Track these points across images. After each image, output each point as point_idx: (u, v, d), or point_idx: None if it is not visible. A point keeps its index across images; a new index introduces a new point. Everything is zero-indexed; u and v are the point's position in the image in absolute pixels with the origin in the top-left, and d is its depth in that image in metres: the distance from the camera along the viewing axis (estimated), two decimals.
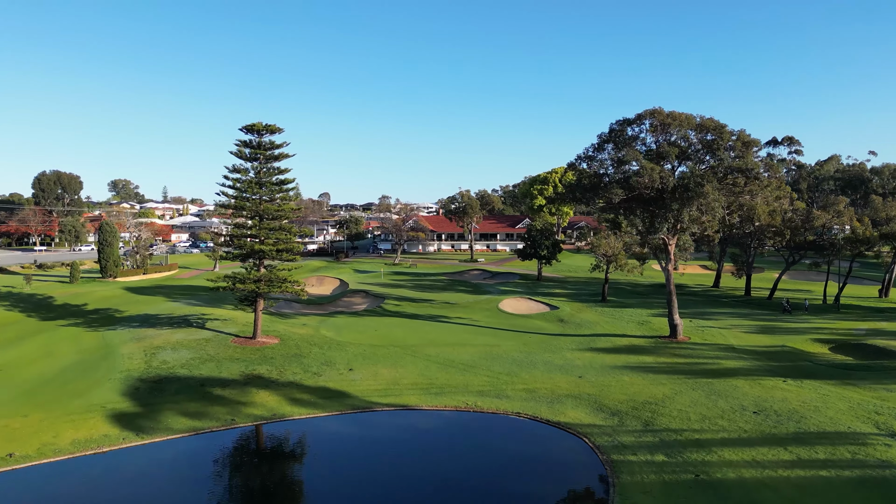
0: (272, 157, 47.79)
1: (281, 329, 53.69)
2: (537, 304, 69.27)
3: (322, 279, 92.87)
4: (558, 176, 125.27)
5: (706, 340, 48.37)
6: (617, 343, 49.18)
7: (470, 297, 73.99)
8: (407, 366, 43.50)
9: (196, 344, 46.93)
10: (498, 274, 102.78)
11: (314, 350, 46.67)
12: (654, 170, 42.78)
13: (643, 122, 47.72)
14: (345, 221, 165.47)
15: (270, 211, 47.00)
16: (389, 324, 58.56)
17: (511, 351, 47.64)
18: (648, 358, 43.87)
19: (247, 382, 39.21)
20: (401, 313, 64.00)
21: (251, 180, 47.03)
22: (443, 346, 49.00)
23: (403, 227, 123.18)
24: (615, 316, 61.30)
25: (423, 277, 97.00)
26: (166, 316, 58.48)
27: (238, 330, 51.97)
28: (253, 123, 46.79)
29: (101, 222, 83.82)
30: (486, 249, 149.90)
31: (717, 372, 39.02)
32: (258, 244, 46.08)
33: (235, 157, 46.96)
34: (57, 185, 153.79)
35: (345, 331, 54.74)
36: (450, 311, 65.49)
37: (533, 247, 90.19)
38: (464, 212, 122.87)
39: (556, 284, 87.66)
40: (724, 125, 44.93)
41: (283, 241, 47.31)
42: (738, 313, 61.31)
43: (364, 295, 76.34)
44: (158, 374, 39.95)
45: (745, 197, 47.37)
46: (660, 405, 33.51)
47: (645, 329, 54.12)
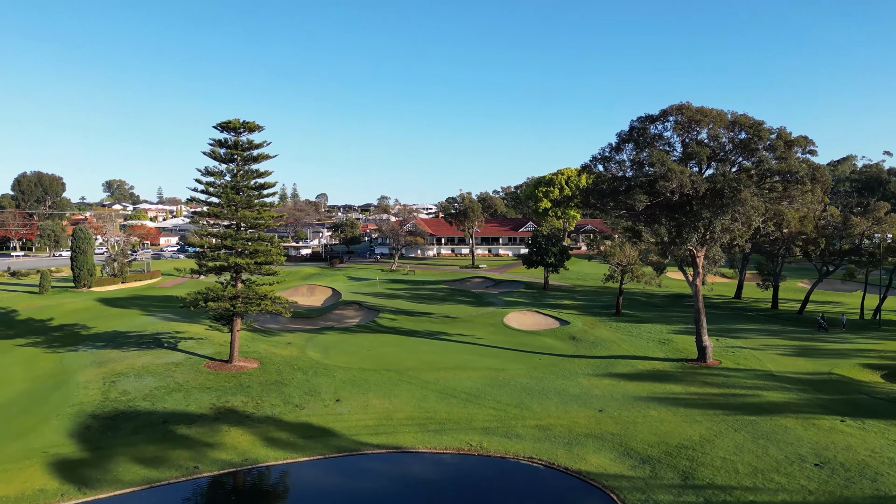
0: (251, 158, 43.24)
1: (262, 350, 49.08)
2: (545, 319, 64.65)
3: (313, 288, 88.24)
4: (564, 178, 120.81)
5: (739, 365, 43.76)
6: (638, 367, 44.57)
7: (472, 310, 69.39)
8: (402, 395, 38.95)
9: (164, 369, 42.30)
10: (501, 282, 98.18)
11: (297, 376, 42.07)
12: (684, 173, 38.22)
13: (667, 120, 43.23)
14: (340, 225, 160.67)
15: (248, 219, 42.44)
16: (384, 342, 53.96)
17: (519, 376, 43.07)
18: (677, 387, 39.25)
19: (217, 418, 34.63)
20: (396, 329, 59.38)
21: (227, 184, 42.47)
22: (442, 371, 44.42)
23: (401, 232, 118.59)
24: (632, 333, 56.67)
25: (422, 286, 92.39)
26: (136, 334, 53.86)
27: (213, 351, 47.34)
28: (229, 120, 42.28)
29: (74, 228, 79.19)
30: (488, 254, 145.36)
31: (760, 407, 34.40)
32: (234, 256, 41.48)
33: (209, 157, 42.42)
34: (38, 187, 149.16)
35: (333, 351, 50.12)
36: (450, 326, 60.88)
37: (539, 254, 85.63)
38: (464, 215, 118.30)
39: (565, 294, 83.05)
40: (761, 122, 40.44)
41: (263, 252, 42.70)
42: (769, 330, 56.68)
43: (357, 307, 71.71)
44: (115, 409, 35.36)
45: (782, 203, 42.80)
46: (698, 450, 28.94)
47: (668, 350, 49.50)
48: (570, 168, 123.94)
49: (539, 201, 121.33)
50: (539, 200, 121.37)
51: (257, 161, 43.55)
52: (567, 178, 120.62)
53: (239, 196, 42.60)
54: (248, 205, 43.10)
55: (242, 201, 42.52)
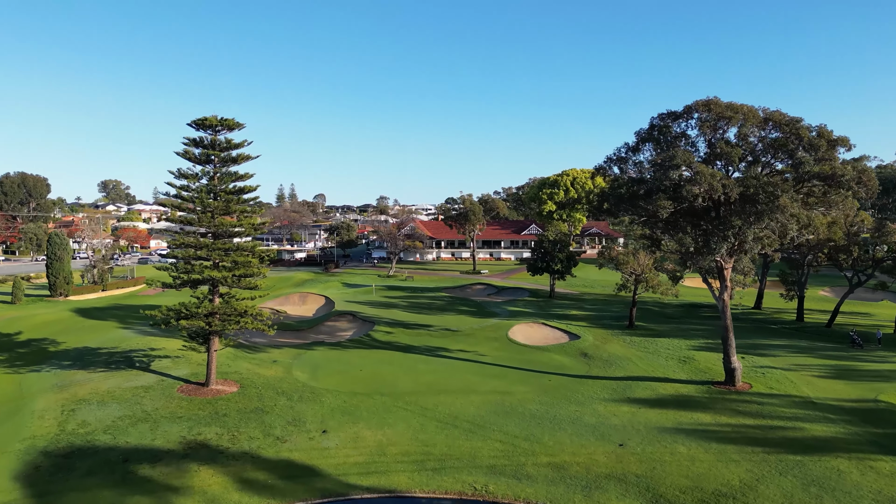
0: (229, 159, 39.48)
1: (244, 369, 45.29)
2: (553, 332, 60.87)
3: (305, 297, 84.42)
4: (570, 179, 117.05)
5: (772, 389, 39.97)
6: (659, 391, 40.78)
7: (474, 322, 65.61)
8: (397, 424, 35.22)
9: (131, 395, 38.48)
10: (504, 289, 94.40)
11: (281, 402, 38.29)
12: (714, 176, 34.49)
13: (692, 117, 39.51)
14: (336, 227, 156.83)
15: (227, 226, 38.64)
16: (378, 359, 50.17)
17: (528, 401, 39.32)
18: (706, 416, 35.46)
19: (186, 454, 30.84)
20: (392, 344, 55.59)
21: (202, 188, 38.68)
22: (442, 394, 40.68)
23: (399, 236, 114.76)
24: (648, 349, 52.87)
25: (420, 294, 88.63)
26: (107, 351, 50.05)
27: (189, 372, 43.54)
28: (205, 117, 38.52)
29: (50, 233, 75.45)
30: (490, 258, 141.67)
31: (804, 444, 30.61)
32: (209, 269, 37.68)
33: (182, 158, 38.63)
34: (21, 189, 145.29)
35: (322, 371, 46.33)
36: (450, 340, 57.10)
37: (545, 260, 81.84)
38: (465, 218, 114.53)
39: (572, 303, 79.28)
40: (798, 119, 36.73)
41: (243, 264, 38.90)
42: (797, 347, 52.89)
43: (351, 318, 67.91)
44: (71, 444, 31.56)
45: (819, 209, 39.09)
46: (740, 500, 25.19)
47: (690, 370, 45.71)
48: (575, 169, 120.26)
49: (543, 203, 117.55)
50: (543, 203, 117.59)
51: (237, 162, 39.79)
52: (573, 179, 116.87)
53: (216, 201, 38.81)
54: (227, 211, 39.32)
55: (220, 207, 38.74)
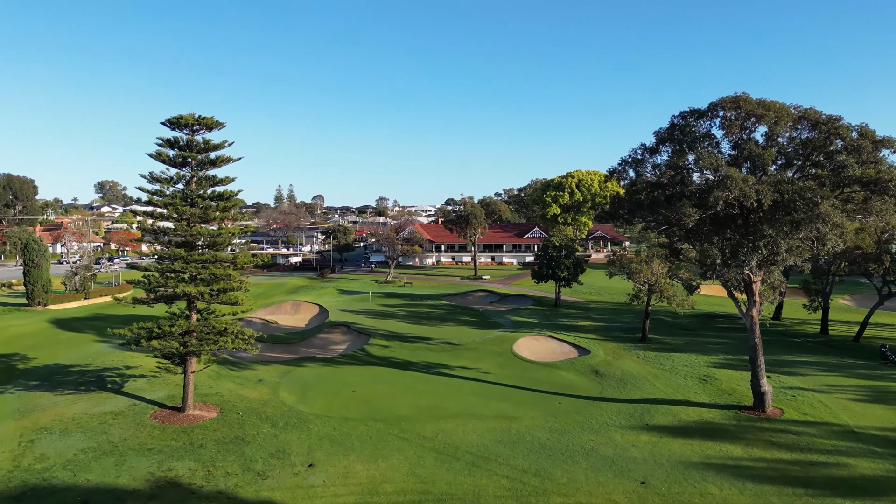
0: (207, 161, 36.26)
1: (226, 390, 42.04)
2: (561, 346, 57.61)
3: (298, 305, 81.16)
4: (575, 181, 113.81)
5: (807, 416, 36.68)
6: (682, 416, 37.50)
7: (476, 334, 62.32)
8: (392, 456, 32.00)
9: (98, 422, 35.21)
10: (507, 297, 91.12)
11: (264, 430, 35.03)
12: (747, 181, 31.27)
13: (717, 115, 36.29)
14: (332, 231, 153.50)
15: (204, 235, 35.36)
16: (373, 377, 46.90)
17: (536, 427, 36.08)
18: (736, 448, 32.18)
19: (154, 495, 27.60)
20: (388, 360, 52.32)
21: (176, 194, 35.43)
22: (442, 420, 37.44)
23: (397, 240, 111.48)
24: (665, 366, 49.60)
25: (419, 301, 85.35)
26: (79, 369, 46.80)
27: (166, 395, 40.26)
28: (181, 115, 35.31)
29: (27, 239, 72.25)
30: (491, 262, 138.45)
31: (852, 485, 27.36)
32: (184, 284, 34.41)
33: (155, 160, 35.40)
34: (7, 191, 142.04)
35: (312, 392, 43.07)
36: (451, 356, 53.82)
37: (550, 266, 78.63)
38: (466, 221, 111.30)
39: (579, 312, 76.01)
40: (837, 117, 33.54)
41: (222, 277, 35.64)
42: (825, 364, 49.60)
43: (345, 330, 64.63)
44: (24, 483, 28.31)
45: (858, 218, 35.86)
46: None
47: (713, 391, 42.43)
48: (580, 170, 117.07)
49: (547, 206, 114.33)
50: (547, 206, 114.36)
51: (216, 165, 36.57)
52: (578, 181, 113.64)
53: (193, 208, 35.54)
54: (205, 218, 36.06)
55: (197, 214, 35.47)
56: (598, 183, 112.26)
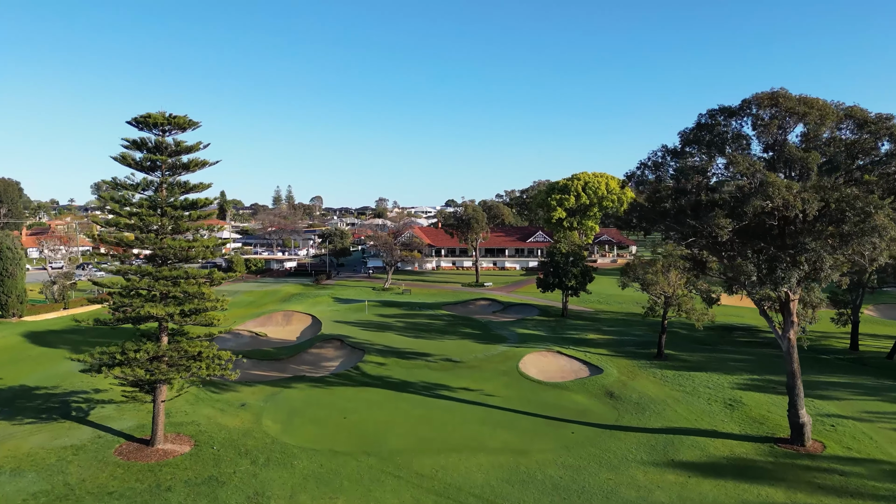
0: (179, 165, 32.78)
1: (204, 418, 38.50)
2: (571, 363, 54.05)
3: (290, 316, 77.58)
4: (581, 184, 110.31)
5: (851, 451, 33.14)
6: (710, 450, 33.94)
7: (478, 349, 58.76)
8: (386, 499, 28.77)
9: (56, 459, 31.69)
10: (511, 306, 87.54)
11: (242, 467, 31.52)
12: (791, 188, 27.77)
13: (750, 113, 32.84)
14: (329, 235, 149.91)
15: (174, 250, 31.86)
16: (366, 401, 43.36)
17: (548, 463, 32.61)
18: (777, 493, 28.65)
19: None
20: (384, 380, 48.76)
21: (144, 202, 31.92)
22: (443, 453, 34.00)
23: (395, 245, 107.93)
24: (685, 387, 46.05)
25: (418, 311, 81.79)
26: (45, 392, 43.32)
27: (135, 425, 36.74)
28: (149, 114, 31.87)
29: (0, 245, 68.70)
30: (493, 267, 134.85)
31: None
32: (152, 303, 30.88)
33: (120, 164, 31.93)
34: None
35: (299, 419, 39.53)
36: (452, 375, 50.26)
37: (557, 275, 75.04)
38: (467, 226, 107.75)
39: (588, 324, 72.45)
40: (889, 116, 30.11)
41: (195, 296, 32.12)
42: (861, 386, 46.05)
43: (339, 345, 61.06)
44: None
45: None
46: None
47: (742, 419, 38.86)
48: (586, 172, 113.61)
49: (552, 210, 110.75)
50: (552, 209, 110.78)
51: (189, 170, 33.11)
52: (584, 183, 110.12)
53: (162, 219, 32.04)
54: (176, 229, 32.56)
55: (166, 226, 31.97)
56: (606, 185, 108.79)
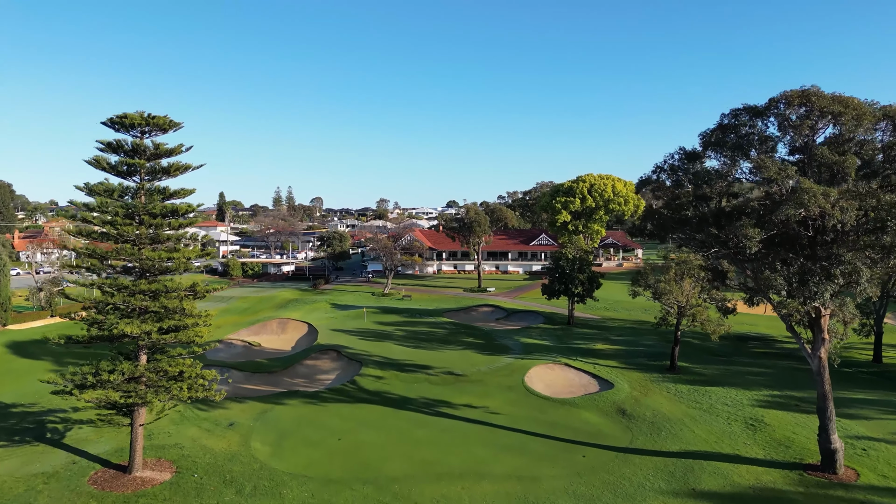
0: (159, 170, 30.51)
1: (188, 440, 36.19)
2: (580, 377, 51.70)
3: (285, 324, 75.27)
4: (587, 186, 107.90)
5: (888, 479, 30.79)
6: (734, 478, 31.57)
7: (482, 360, 56.40)
8: None
9: (25, 489, 29.41)
10: (515, 313, 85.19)
11: (226, 497, 29.28)
12: (828, 196, 25.43)
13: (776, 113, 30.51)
14: (327, 238, 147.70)
15: (152, 261, 29.57)
16: (363, 421, 41.02)
17: (558, 493, 30.31)
18: None
19: None
20: (382, 396, 46.44)
21: (119, 209, 29.63)
22: (444, 480, 31.71)
23: (395, 249, 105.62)
24: (701, 403, 43.69)
25: (418, 318, 79.48)
26: (21, 410, 41.11)
27: (113, 448, 34.45)
28: (125, 114, 29.63)
29: None
30: (496, 271, 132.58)
31: None
32: (126, 321, 28.57)
33: (94, 168, 29.67)
34: None
35: (290, 440, 37.20)
36: (454, 390, 47.93)
37: (563, 281, 72.75)
38: (469, 229, 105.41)
39: (596, 333, 70.08)
40: None
41: (176, 311, 29.83)
42: (889, 403, 43.64)
43: (335, 356, 58.73)
44: None
45: None
46: None
47: (766, 442, 36.47)
48: (592, 174, 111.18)
49: (557, 213, 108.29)
50: (557, 212, 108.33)
51: (170, 174, 30.85)
52: (590, 186, 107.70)
53: (140, 228, 29.75)
54: (156, 239, 30.29)
55: (145, 235, 29.69)
56: (612, 188, 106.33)
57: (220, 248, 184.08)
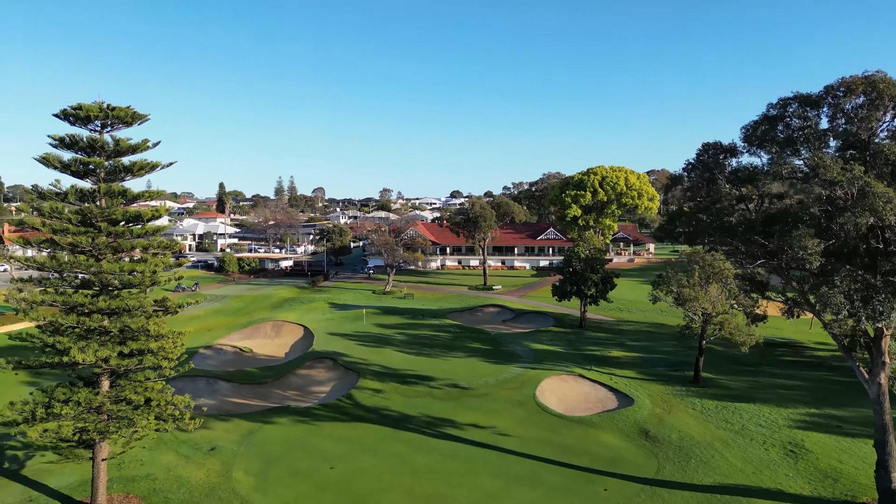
0: (120, 169, 26.84)
1: (161, 470, 32.78)
2: (596, 390, 48.14)
3: (280, 327, 71.83)
4: (598, 179, 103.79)
5: None
6: None
7: (489, 370, 52.85)
8: None
9: None
10: (523, 314, 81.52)
11: None
12: None
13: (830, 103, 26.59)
14: (327, 232, 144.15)
15: (112, 274, 25.97)
16: (358, 444, 37.53)
17: None
18: None
19: None
20: (380, 413, 42.95)
21: (72, 216, 25.99)
22: None
23: (397, 245, 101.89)
24: (732, 424, 40.06)
25: (421, 320, 75.92)
26: None
27: (77, 481, 31.07)
28: (80, 105, 25.98)
29: None
30: (502, 266, 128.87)
31: None
32: (79, 346, 25.01)
33: (45, 167, 26.02)
34: None
35: (277, 469, 33.74)
36: (459, 406, 44.41)
37: (575, 282, 69.03)
38: (475, 224, 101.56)
39: (610, 337, 66.42)
40: None
41: (139, 332, 26.26)
42: None
43: (331, 365, 55.25)
44: None
45: None
46: None
47: (809, 472, 32.87)
48: (603, 166, 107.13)
49: (567, 208, 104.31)
50: (567, 206, 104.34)
51: (133, 174, 27.19)
52: (601, 178, 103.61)
53: (99, 237, 26.11)
54: (117, 249, 26.68)
55: (103, 245, 26.07)
56: (625, 180, 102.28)
57: (218, 242, 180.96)
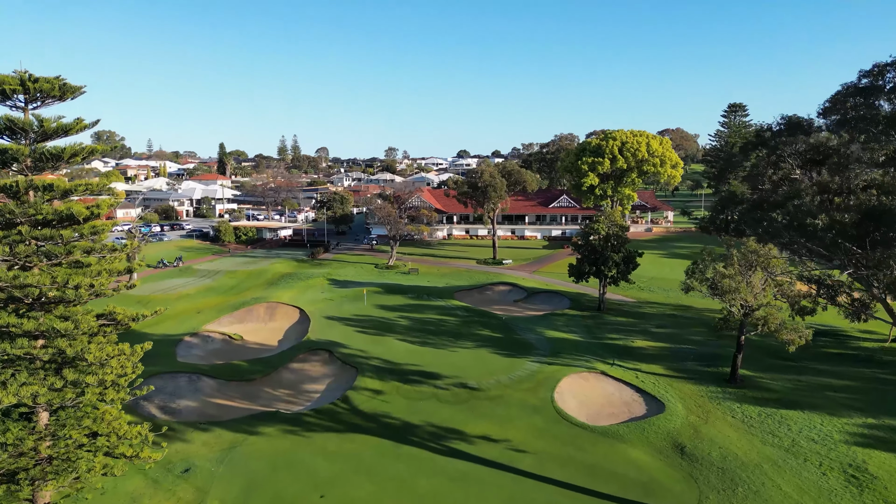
0: (49, 156, 21.93)
1: (123, 499, 28.92)
2: (621, 391, 43.87)
3: (274, 309, 67.66)
4: (618, 144, 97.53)
5: None
6: None
7: (500, 365, 48.60)
8: None
9: None
10: (536, 293, 77.00)
11: None
12: None
13: None
14: (328, 201, 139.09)
15: (42, 287, 21.35)
16: (353, 461, 33.54)
17: None
18: None
19: None
20: (378, 421, 38.87)
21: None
22: None
23: (401, 216, 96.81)
24: (781, 439, 35.74)
25: (426, 301, 71.57)
26: None
27: None
28: (3, 76, 20.81)
29: None
30: (512, 236, 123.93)
31: None
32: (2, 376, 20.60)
33: None
34: None
35: (259, 496, 29.81)
36: (468, 412, 40.27)
37: (594, 262, 64.26)
38: (484, 194, 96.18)
39: (632, 323, 61.94)
40: None
41: (77, 360, 21.79)
42: None
43: (327, 358, 51.13)
44: None
45: None
46: None
47: (875, 503, 28.59)
48: (622, 130, 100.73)
49: (584, 176, 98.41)
50: (584, 175, 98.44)
51: (66, 160, 22.28)
52: (621, 144, 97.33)
53: (22, 243, 21.38)
54: (48, 254, 21.99)
55: (28, 252, 21.38)
56: (647, 146, 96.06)
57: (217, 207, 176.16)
